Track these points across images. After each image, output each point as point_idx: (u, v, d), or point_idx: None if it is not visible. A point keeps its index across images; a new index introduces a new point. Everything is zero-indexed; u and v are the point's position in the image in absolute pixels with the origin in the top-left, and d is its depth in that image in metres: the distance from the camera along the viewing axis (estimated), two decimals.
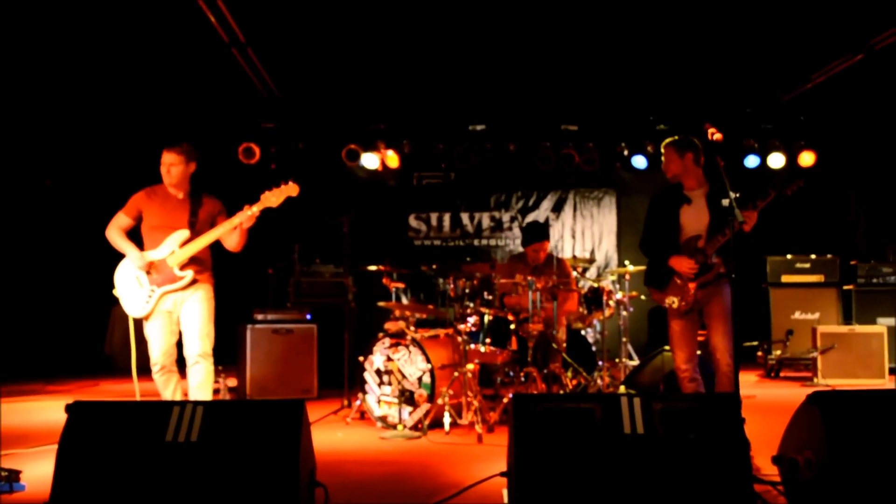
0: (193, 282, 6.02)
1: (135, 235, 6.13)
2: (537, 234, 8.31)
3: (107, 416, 3.75)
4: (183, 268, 5.98)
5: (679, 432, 3.70)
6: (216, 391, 8.27)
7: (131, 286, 5.99)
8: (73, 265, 11.33)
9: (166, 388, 6.03)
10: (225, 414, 3.76)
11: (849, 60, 9.71)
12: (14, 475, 4.63)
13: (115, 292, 6.06)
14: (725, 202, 4.63)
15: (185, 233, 6.00)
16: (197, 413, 3.70)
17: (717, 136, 4.89)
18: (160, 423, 3.67)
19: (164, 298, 5.98)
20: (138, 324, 6.10)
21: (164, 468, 3.57)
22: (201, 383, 6.00)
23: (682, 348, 5.74)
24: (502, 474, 4.07)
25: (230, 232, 6.07)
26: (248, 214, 5.97)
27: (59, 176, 11.57)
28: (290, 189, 6.09)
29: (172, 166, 6.05)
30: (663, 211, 5.82)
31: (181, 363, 6.09)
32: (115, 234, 6.07)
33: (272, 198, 6.05)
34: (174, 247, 5.97)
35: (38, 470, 4.93)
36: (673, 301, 5.72)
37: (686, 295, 5.62)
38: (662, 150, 5.83)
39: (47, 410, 7.86)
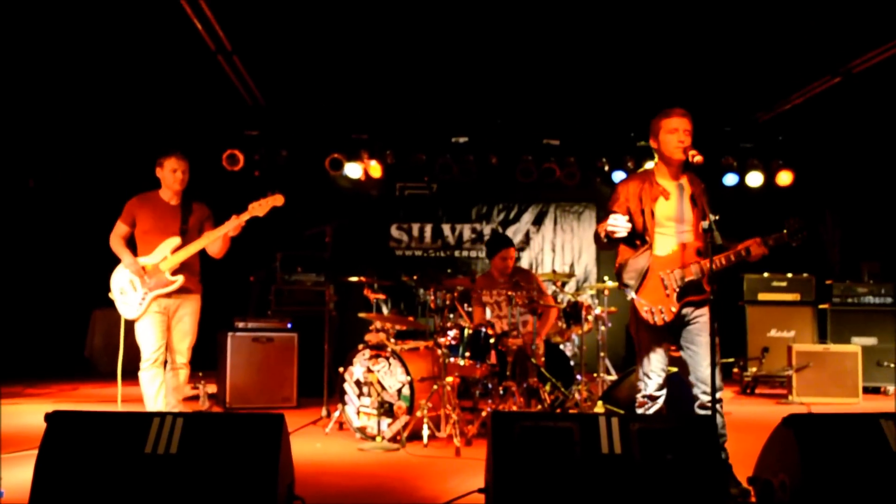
0: (186, 290, 6.29)
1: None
2: (502, 241, 8.34)
3: (86, 426, 3.70)
4: (174, 273, 6.23)
5: (656, 453, 3.69)
6: (196, 397, 8.27)
7: (126, 289, 6.24)
8: (54, 268, 11.27)
9: (152, 385, 6.20)
10: (205, 426, 3.72)
11: (827, 82, 9.80)
12: None
13: (111, 295, 6.31)
14: (705, 224, 4.56)
15: (176, 240, 6.26)
16: (177, 425, 3.67)
17: (698, 158, 4.81)
18: (140, 434, 3.64)
19: (156, 301, 6.21)
20: (128, 326, 6.31)
21: (143, 480, 3.53)
22: (179, 386, 6.39)
23: (657, 372, 4.92)
24: (480, 490, 4.06)
25: (216, 239, 6.30)
26: (235, 224, 6.22)
27: (42, 177, 11.50)
28: (276, 199, 6.33)
29: (183, 172, 6.36)
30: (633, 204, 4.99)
31: None
32: (116, 242, 6.33)
33: (258, 208, 6.28)
34: (166, 253, 6.24)
35: (16, 476, 4.84)
36: (651, 310, 4.86)
37: (668, 307, 4.83)
38: (677, 118, 4.92)
39: (26, 414, 7.77)
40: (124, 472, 3.55)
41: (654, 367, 4.94)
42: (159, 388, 6.20)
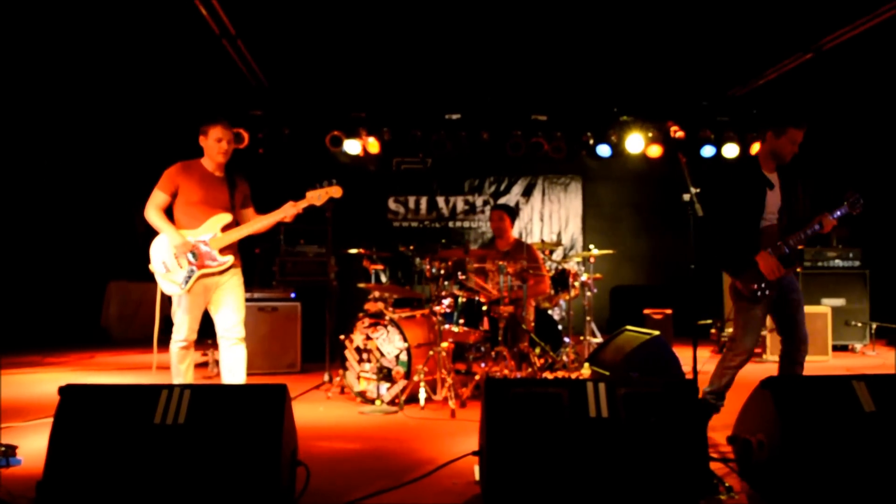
0: (230, 266, 5.75)
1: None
2: (494, 206, 8.71)
3: (98, 399, 3.65)
4: (223, 252, 5.69)
5: (641, 416, 3.66)
6: (205, 364, 8.21)
7: (170, 265, 5.61)
8: (71, 243, 11.20)
9: (183, 362, 5.68)
10: (211, 397, 3.67)
11: (799, 59, 9.71)
12: (10, 450, 4.51)
13: (151, 267, 5.68)
14: (686, 197, 4.50)
15: (227, 217, 5.69)
16: (184, 396, 3.62)
17: (680, 133, 4.79)
18: (149, 406, 3.59)
19: (201, 280, 5.64)
20: (164, 298, 5.79)
21: (152, 449, 3.48)
22: (242, 363, 5.75)
23: (756, 333, 5.18)
24: (474, 453, 4.02)
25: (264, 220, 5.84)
26: (293, 212, 5.73)
27: (56, 158, 11.42)
28: (335, 191, 5.82)
29: (228, 142, 5.77)
30: (748, 191, 5.24)
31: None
32: (155, 215, 5.60)
33: (316, 198, 5.79)
34: (216, 230, 5.65)
35: (34, 444, 4.81)
36: (757, 287, 5.10)
37: (772, 283, 5.09)
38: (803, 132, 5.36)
39: (44, 383, 7.70)
40: (135, 442, 3.51)
41: (751, 328, 5.17)
42: (190, 364, 5.72)
